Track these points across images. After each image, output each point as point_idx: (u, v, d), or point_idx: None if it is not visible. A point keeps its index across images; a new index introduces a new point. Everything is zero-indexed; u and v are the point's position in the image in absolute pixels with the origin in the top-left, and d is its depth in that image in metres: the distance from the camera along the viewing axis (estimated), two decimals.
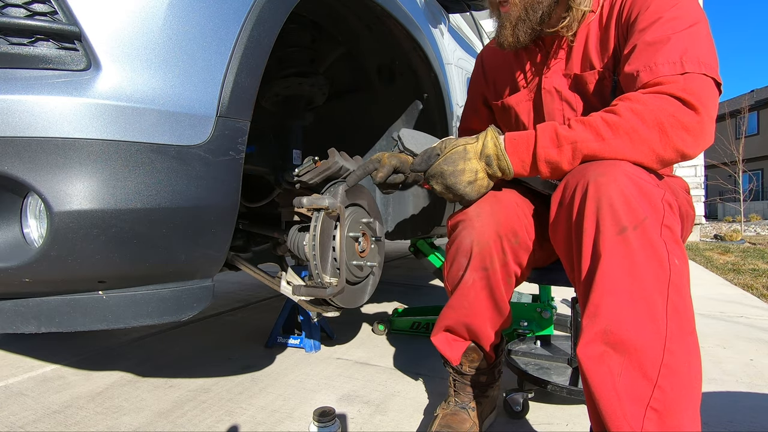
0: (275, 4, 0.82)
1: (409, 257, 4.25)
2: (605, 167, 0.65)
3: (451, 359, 0.94)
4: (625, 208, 0.60)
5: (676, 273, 0.58)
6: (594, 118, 0.72)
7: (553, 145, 0.74)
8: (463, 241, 0.84)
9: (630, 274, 0.59)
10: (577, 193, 0.66)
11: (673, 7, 0.74)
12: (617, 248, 0.60)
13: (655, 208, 0.61)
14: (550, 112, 0.94)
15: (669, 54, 0.70)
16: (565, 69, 0.91)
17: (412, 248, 1.92)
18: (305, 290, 1.03)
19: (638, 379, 0.56)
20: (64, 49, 0.65)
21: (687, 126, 0.67)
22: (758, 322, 1.95)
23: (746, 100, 14.40)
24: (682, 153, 0.69)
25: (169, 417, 1.07)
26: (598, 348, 0.59)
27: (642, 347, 0.56)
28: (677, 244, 0.61)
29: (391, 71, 1.47)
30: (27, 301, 0.75)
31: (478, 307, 0.87)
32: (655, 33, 0.74)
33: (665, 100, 0.67)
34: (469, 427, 0.90)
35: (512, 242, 0.84)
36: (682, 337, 0.57)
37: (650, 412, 0.55)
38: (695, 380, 0.57)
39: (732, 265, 3.75)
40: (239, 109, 0.77)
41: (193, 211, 0.73)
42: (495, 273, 0.83)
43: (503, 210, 0.84)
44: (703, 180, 6.09)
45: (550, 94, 0.93)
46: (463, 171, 0.78)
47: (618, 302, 0.58)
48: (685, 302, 0.59)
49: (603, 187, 0.63)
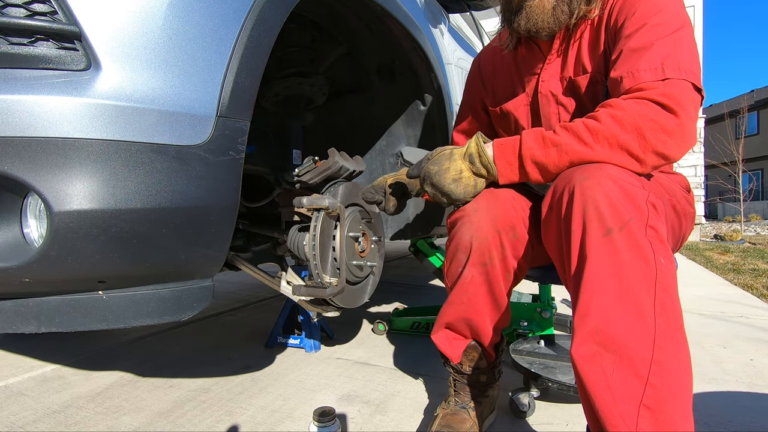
0: (275, 4, 0.82)
1: (409, 257, 4.26)
2: (590, 171, 0.67)
3: (451, 357, 0.94)
4: (610, 210, 0.62)
5: (663, 272, 0.59)
6: (577, 124, 0.74)
7: (539, 146, 0.76)
8: (462, 237, 0.85)
9: (617, 274, 0.60)
10: (564, 196, 0.68)
11: (658, 13, 0.76)
12: (603, 249, 0.61)
13: (639, 209, 0.63)
14: (546, 115, 0.95)
15: (651, 60, 0.73)
16: (561, 73, 0.93)
17: (412, 248, 1.92)
18: (305, 290, 1.03)
19: (630, 377, 0.57)
20: (64, 49, 0.65)
21: (666, 129, 0.68)
22: (758, 322, 1.95)
23: (746, 100, 14.40)
24: (663, 155, 0.70)
25: (169, 417, 1.07)
26: (591, 348, 0.59)
27: (632, 345, 0.57)
28: (662, 244, 0.62)
29: (391, 71, 1.47)
30: (27, 301, 0.75)
31: (478, 303, 0.87)
32: (639, 39, 0.76)
33: (645, 105, 0.70)
34: (469, 426, 0.90)
35: (510, 236, 0.84)
36: (670, 334, 0.58)
37: (643, 410, 0.56)
38: (685, 376, 0.58)
39: (732, 265, 3.75)
40: (239, 109, 0.77)
41: (193, 211, 0.73)
42: (494, 268, 0.84)
43: (500, 205, 0.84)
44: (703, 180, 6.10)
45: (546, 98, 0.95)
46: (448, 170, 0.83)
47: (606, 302, 0.59)
48: (673, 300, 0.60)
49: (588, 191, 0.64)
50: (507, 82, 1.04)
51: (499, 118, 1.07)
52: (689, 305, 2.25)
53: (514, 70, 1.02)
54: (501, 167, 0.81)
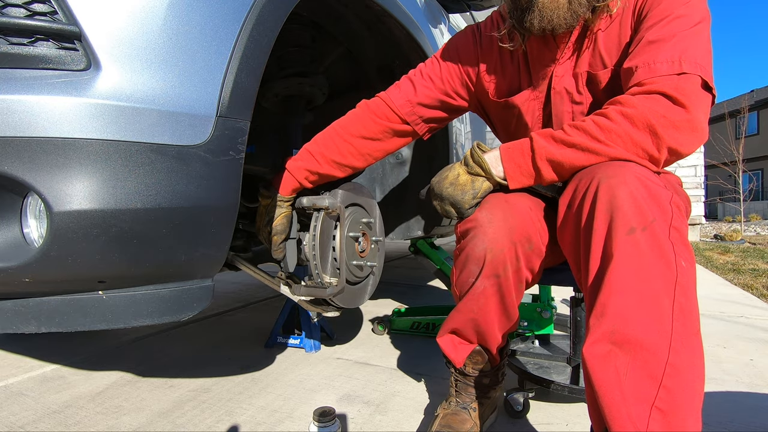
0: (275, 4, 0.82)
1: (409, 257, 4.25)
2: (614, 169, 0.66)
3: (455, 361, 0.94)
4: (635, 210, 0.61)
5: (683, 274, 0.59)
6: (587, 123, 0.73)
7: (552, 145, 0.75)
8: (475, 249, 0.82)
9: (638, 274, 0.59)
10: (588, 194, 0.67)
11: (684, 5, 0.74)
12: (626, 249, 0.60)
13: (663, 209, 0.62)
14: (559, 113, 0.91)
15: (669, 52, 0.71)
16: (576, 68, 0.88)
17: (412, 248, 1.92)
18: (305, 290, 1.03)
19: (644, 378, 0.56)
20: (64, 49, 0.65)
21: (677, 124, 0.68)
22: (758, 322, 1.95)
23: (746, 100, 14.40)
24: (676, 151, 0.70)
25: (169, 417, 1.07)
26: (605, 347, 0.59)
27: (648, 346, 0.56)
28: (685, 246, 0.61)
29: (391, 71, 1.47)
30: (27, 301, 0.75)
31: (488, 312, 0.86)
32: (660, 30, 0.74)
33: (655, 101, 0.68)
34: (469, 427, 0.89)
35: (526, 248, 0.82)
36: (687, 338, 0.57)
37: (655, 412, 0.55)
38: (699, 380, 0.57)
39: (732, 265, 3.75)
40: (239, 109, 0.77)
41: (193, 211, 0.73)
42: (507, 280, 0.82)
43: (516, 215, 0.82)
44: (703, 180, 6.09)
45: (560, 96, 0.90)
46: (446, 177, 0.86)
47: (626, 302, 0.59)
48: (691, 303, 0.59)
49: (613, 189, 0.63)
50: (514, 74, 0.97)
51: (500, 109, 1.01)
52: None
53: (522, 63, 0.95)
54: (510, 170, 0.79)
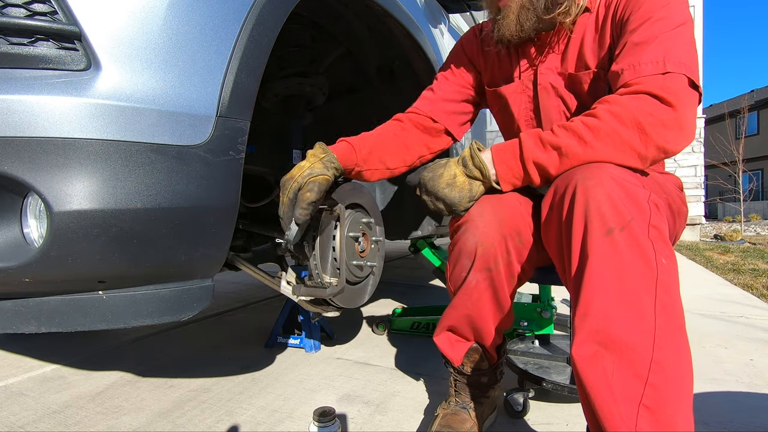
0: (275, 4, 0.82)
1: (409, 257, 4.25)
2: (591, 171, 0.67)
3: (453, 360, 0.94)
4: (612, 211, 0.62)
5: (664, 272, 0.59)
6: (576, 123, 0.74)
7: (539, 148, 0.76)
8: (467, 243, 0.84)
9: (618, 273, 0.60)
10: (566, 196, 0.68)
11: (664, 8, 0.77)
12: (605, 249, 0.61)
13: (641, 209, 0.63)
14: (546, 108, 0.95)
15: (653, 54, 0.73)
16: (561, 68, 0.92)
17: (412, 248, 1.92)
18: (305, 290, 1.03)
19: (630, 377, 0.57)
20: (64, 49, 0.65)
21: (665, 123, 0.69)
22: (758, 322, 1.95)
23: (746, 100, 14.38)
24: (664, 149, 0.70)
25: (169, 417, 1.07)
26: (591, 348, 0.59)
27: (632, 345, 0.57)
28: (665, 244, 0.62)
29: (391, 71, 1.47)
30: (27, 301, 0.75)
31: (482, 307, 0.87)
32: (643, 33, 0.76)
33: (643, 100, 0.70)
34: (469, 427, 0.90)
35: (516, 242, 0.84)
36: (671, 334, 0.57)
37: (643, 410, 0.55)
38: (686, 376, 0.58)
39: (732, 265, 3.75)
40: (239, 109, 0.77)
41: (193, 211, 0.73)
42: (499, 274, 0.83)
43: (506, 209, 0.84)
44: (703, 180, 6.09)
45: (545, 90, 0.94)
46: (442, 175, 0.83)
47: (607, 302, 0.59)
48: (674, 300, 0.59)
49: (590, 191, 0.64)
50: (508, 66, 1.02)
51: (495, 99, 1.06)
52: (689, 305, 2.25)
53: (514, 56, 1.01)
54: (502, 172, 0.80)
